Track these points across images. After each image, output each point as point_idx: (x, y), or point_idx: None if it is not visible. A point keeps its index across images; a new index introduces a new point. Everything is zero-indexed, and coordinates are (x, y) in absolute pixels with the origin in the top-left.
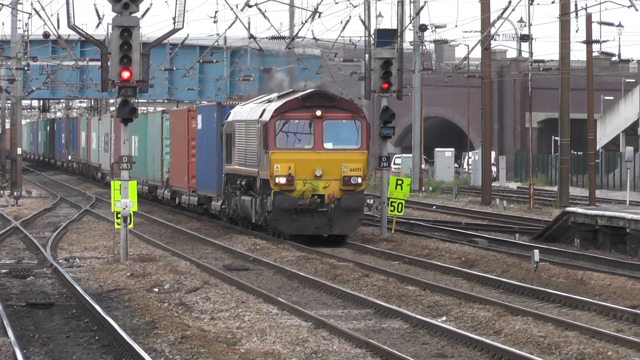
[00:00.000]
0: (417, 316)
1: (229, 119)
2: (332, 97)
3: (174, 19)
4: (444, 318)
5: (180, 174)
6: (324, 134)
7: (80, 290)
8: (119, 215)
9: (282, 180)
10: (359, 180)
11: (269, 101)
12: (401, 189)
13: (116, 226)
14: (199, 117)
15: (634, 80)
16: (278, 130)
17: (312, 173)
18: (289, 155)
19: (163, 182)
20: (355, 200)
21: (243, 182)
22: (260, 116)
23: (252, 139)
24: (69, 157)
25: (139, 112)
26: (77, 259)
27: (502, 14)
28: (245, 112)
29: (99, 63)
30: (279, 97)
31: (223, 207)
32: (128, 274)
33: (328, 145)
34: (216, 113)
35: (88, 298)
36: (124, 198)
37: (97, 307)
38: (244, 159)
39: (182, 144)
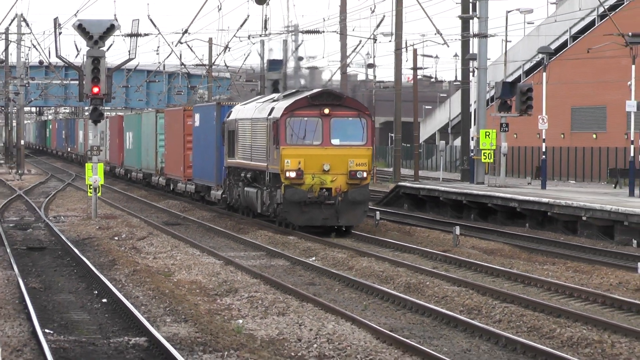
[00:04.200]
0: (295, 257)
1: (231, 117)
2: (339, 96)
3: (129, 51)
4: (313, 258)
5: (176, 164)
6: (332, 130)
7: (64, 238)
8: (91, 187)
9: (293, 174)
10: (365, 174)
11: (274, 100)
12: None
13: (89, 194)
14: (197, 116)
15: (445, 95)
16: (288, 127)
17: (321, 167)
18: (299, 151)
19: (157, 171)
20: (361, 193)
21: (248, 175)
22: (269, 114)
23: (259, 135)
24: (69, 150)
25: (104, 115)
26: (62, 217)
27: (355, 49)
28: (248, 110)
29: (77, 81)
30: (285, 97)
31: (223, 196)
32: (97, 227)
33: (335, 141)
34: (215, 112)
35: (69, 244)
36: (94, 175)
37: (75, 250)
38: (250, 153)
39: (178, 139)
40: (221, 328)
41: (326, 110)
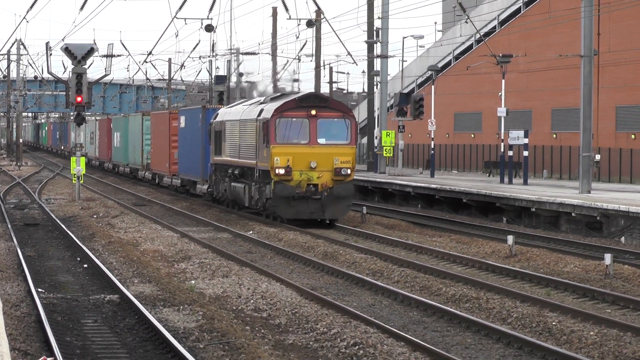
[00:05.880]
0: (237, 231)
1: (218, 119)
2: (325, 98)
3: (105, 69)
4: (251, 232)
5: (162, 161)
6: (318, 130)
7: (53, 216)
8: (75, 175)
9: (282, 171)
10: (349, 171)
11: (261, 103)
12: None
13: (73, 181)
14: (182, 118)
15: (355, 103)
16: (278, 127)
17: (308, 165)
18: (288, 149)
19: (144, 166)
20: (345, 189)
21: (236, 172)
22: (259, 115)
23: (248, 135)
24: (62, 147)
25: (86, 119)
26: (52, 199)
27: (283, 67)
28: (235, 112)
29: (64, 92)
30: (273, 99)
31: (209, 190)
32: (79, 207)
33: (321, 140)
34: (201, 114)
35: (57, 221)
36: (78, 166)
37: (62, 226)
38: (237, 151)
39: (164, 138)
40: (178, 287)
41: (313, 112)
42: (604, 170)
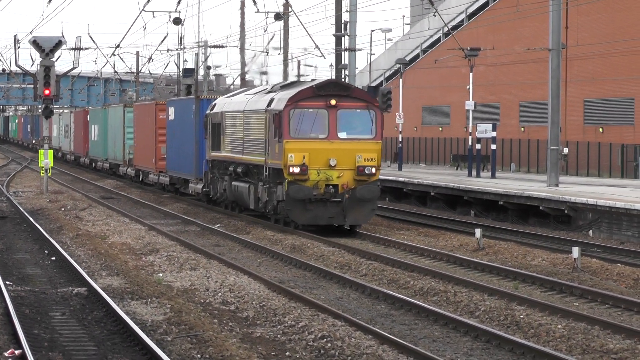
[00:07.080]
0: (204, 224)
1: (216, 110)
2: (347, 87)
3: (73, 61)
4: (219, 225)
5: (147, 156)
6: (338, 123)
7: (21, 209)
8: (43, 168)
9: (296, 170)
10: (373, 170)
11: (270, 91)
12: None
13: (41, 174)
14: (171, 109)
15: None
16: (292, 119)
17: (326, 163)
18: (303, 145)
19: (125, 162)
20: (369, 191)
21: (238, 169)
22: (269, 105)
23: (254, 128)
24: (34, 141)
25: (55, 112)
26: (20, 192)
27: (251, 60)
28: (238, 102)
29: (32, 85)
30: (284, 87)
31: (205, 189)
32: (47, 200)
33: (342, 134)
34: (194, 105)
35: (25, 213)
36: (46, 159)
37: (30, 218)
38: (241, 147)
39: (149, 132)
40: (146, 280)
41: (333, 102)
42: (572, 163)
